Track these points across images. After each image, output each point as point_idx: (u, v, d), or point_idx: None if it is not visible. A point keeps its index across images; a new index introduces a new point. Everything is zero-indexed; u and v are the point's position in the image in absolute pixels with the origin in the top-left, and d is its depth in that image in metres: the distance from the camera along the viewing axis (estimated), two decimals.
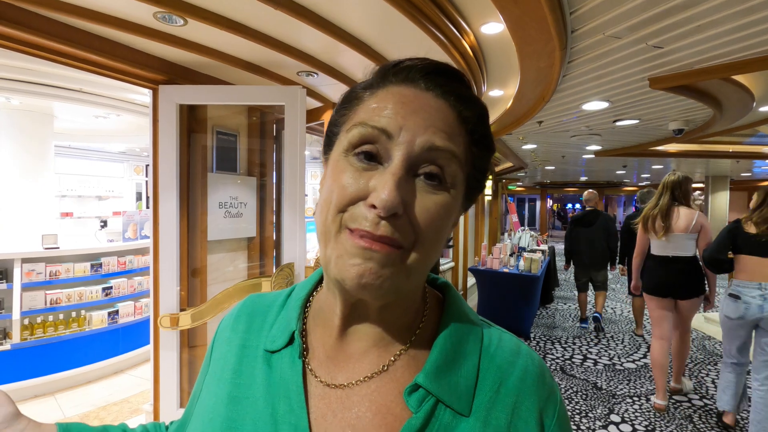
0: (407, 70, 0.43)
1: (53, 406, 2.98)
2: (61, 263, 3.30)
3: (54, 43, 1.73)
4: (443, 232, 0.41)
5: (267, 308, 0.52)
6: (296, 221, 2.33)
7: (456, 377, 0.42)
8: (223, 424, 0.44)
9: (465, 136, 0.42)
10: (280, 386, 0.43)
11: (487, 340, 0.46)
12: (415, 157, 0.38)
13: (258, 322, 0.51)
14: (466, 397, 0.42)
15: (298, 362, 0.45)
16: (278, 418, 0.42)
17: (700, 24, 2.08)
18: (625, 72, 2.78)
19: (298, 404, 0.42)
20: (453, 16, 1.90)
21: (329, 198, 0.40)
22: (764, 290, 2.47)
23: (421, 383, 0.41)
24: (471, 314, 0.49)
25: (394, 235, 0.37)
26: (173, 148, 2.23)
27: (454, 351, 0.44)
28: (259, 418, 0.42)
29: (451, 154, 0.39)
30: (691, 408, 3.13)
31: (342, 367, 0.44)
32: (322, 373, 0.45)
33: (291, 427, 0.41)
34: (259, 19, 1.74)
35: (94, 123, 4.59)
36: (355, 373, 0.44)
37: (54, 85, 3.08)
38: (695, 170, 10.63)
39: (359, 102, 0.43)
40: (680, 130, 4.38)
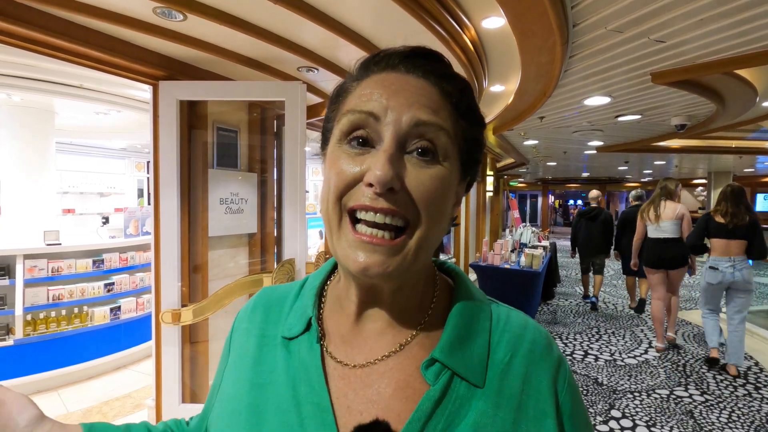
0: (387, 57, 0.44)
1: (56, 401, 3.00)
2: (63, 259, 3.32)
3: (54, 39, 1.73)
4: (444, 205, 0.42)
5: (282, 299, 0.54)
6: (297, 217, 2.33)
7: (469, 351, 0.45)
8: (248, 410, 0.45)
9: (451, 110, 0.43)
10: (300, 370, 0.45)
11: (496, 317, 0.49)
12: (404, 134, 0.40)
13: (275, 312, 0.53)
14: (480, 369, 0.44)
15: (316, 346, 0.46)
16: (300, 400, 0.43)
17: (702, 18, 2.07)
18: (627, 67, 2.77)
19: (318, 384, 0.43)
20: (453, 11, 1.89)
21: (328, 187, 0.42)
22: (733, 262, 3.45)
23: (437, 357, 0.43)
24: (479, 294, 0.51)
25: (394, 207, 0.39)
26: (174, 145, 2.23)
27: (466, 327, 0.46)
28: (282, 401, 0.44)
29: (437, 126, 0.40)
30: (692, 404, 3.13)
31: (359, 348, 0.46)
32: (340, 355, 0.46)
33: (314, 406, 0.42)
34: (259, 14, 1.74)
35: (95, 119, 4.59)
36: (372, 353, 0.45)
37: (55, 82, 3.08)
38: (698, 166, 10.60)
39: (347, 94, 0.45)
40: (683, 126, 4.36)
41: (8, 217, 3.65)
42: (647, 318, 5.31)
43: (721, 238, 3.51)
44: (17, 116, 3.68)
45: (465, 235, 6.63)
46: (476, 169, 0.48)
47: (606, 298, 6.44)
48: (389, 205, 0.39)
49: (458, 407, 0.42)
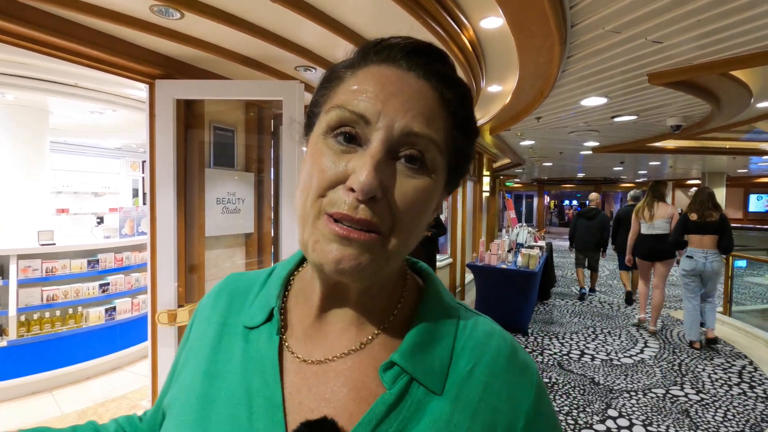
0: (389, 48, 0.42)
1: (50, 402, 2.97)
2: (57, 260, 3.28)
3: (48, 36, 1.71)
4: (423, 216, 0.41)
5: (248, 286, 0.53)
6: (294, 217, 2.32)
7: (431, 357, 0.43)
8: (199, 400, 0.44)
9: (447, 119, 0.41)
10: (256, 361, 0.44)
11: (463, 324, 0.47)
12: (395, 141, 0.38)
13: (239, 300, 0.51)
14: (440, 375, 0.43)
15: (275, 338, 0.45)
16: (252, 392, 0.42)
17: (699, 19, 2.08)
18: (624, 67, 2.78)
19: (272, 378, 0.43)
20: (452, 10, 1.89)
21: (309, 182, 0.40)
22: (706, 254, 4.07)
23: (396, 361, 0.42)
24: (448, 299, 0.50)
25: (373, 219, 0.37)
26: (170, 144, 2.21)
27: (429, 332, 0.45)
28: (234, 393, 0.43)
29: (429, 140, 0.39)
30: (688, 402, 3.15)
31: (319, 344, 0.45)
32: (299, 349, 0.45)
33: (265, 400, 0.41)
34: (257, 12, 1.73)
35: (90, 118, 4.55)
36: (331, 350, 0.45)
37: (49, 80, 3.05)
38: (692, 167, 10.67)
39: (339, 82, 0.43)
40: (678, 126, 4.39)
41: (2, 216, 3.61)
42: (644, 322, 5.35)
43: (695, 234, 4.12)
44: (11, 115, 3.64)
45: (462, 235, 6.64)
46: (460, 181, 0.47)
47: (602, 299, 6.47)
48: (367, 217, 0.37)
49: (413, 412, 0.41)
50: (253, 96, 2.56)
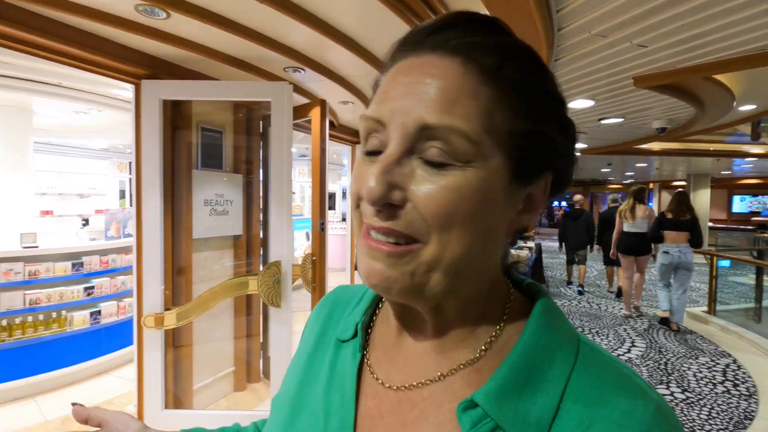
0: (413, 35, 0.37)
1: (34, 409, 2.90)
2: (40, 262, 3.22)
3: (32, 35, 1.68)
4: (467, 218, 0.33)
5: (349, 299, 0.52)
6: (283, 219, 2.31)
7: (527, 403, 0.34)
8: (291, 406, 0.45)
9: (487, 95, 0.33)
10: (339, 377, 0.43)
11: (584, 364, 0.36)
12: (413, 138, 0.33)
13: (338, 312, 0.51)
14: (537, 430, 0.33)
15: (358, 356, 0.44)
16: (330, 410, 0.42)
17: (683, 23, 2.12)
18: (610, 71, 2.82)
19: (349, 400, 0.41)
20: (439, 12, 1.90)
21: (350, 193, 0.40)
22: (679, 248, 4.62)
23: (478, 401, 0.35)
24: (565, 327, 0.39)
25: (395, 226, 0.34)
26: (157, 145, 2.19)
27: (530, 369, 0.35)
28: (317, 405, 0.43)
29: (448, 129, 0.32)
30: (674, 401, 3.19)
31: (399, 367, 0.41)
32: (379, 369, 0.43)
33: (340, 421, 0.40)
34: (245, 13, 1.72)
35: (75, 119, 4.48)
36: (410, 376, 0.40)
37: (32, 80, 2.99)
38: (677, 168, 10.87)
39: (376, 87, 0.39)
40: (663, 129, 4.47)
41: None
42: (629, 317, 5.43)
43: (670, 230, 4.70)
44: None
45: None
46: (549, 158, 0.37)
47: (590, 299, 6.54)
48: (386, 225, 0.34)
49: None
50: (241, 97, 2.55)
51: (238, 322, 2.98)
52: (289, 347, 2.34)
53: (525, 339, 0.37)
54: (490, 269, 0.39)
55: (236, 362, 2.97)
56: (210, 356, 2.78)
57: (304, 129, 3.11)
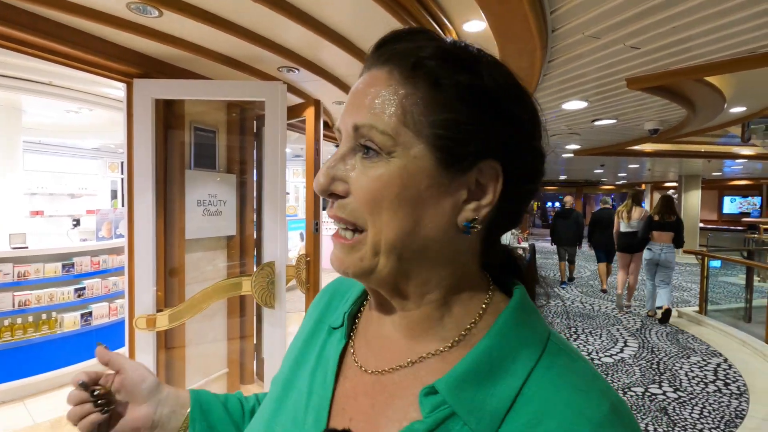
0: (368, 56, 0.42)
1: (22, 412, 2.86)
2: (30, 263, 3.17)
3: (22, 33, 1.65)
4: (393, 203, 0.37)
5: (346, 290, 0.55)
6: (277, 219, 2.29)
7: (486, 394, 0.36)
8: (283, 384, 0.49)
9: (404, 91, 0.37)
10: (325, 360, 0.47)
11: (547, 362, 0.37)
12: (352, 138, 0.39)
13: (336, 300, 0.54)
14: (491, 419, 0.34)
15: (342, 342, 0.47)
16: (313, 388, 0.45)
17: (675, 26, 2.14)
18: (604, 72, 2.84)
19: (329, 381, 0.45)
20: (435, 13, 1.90)
21: None
22: (662, 248, 5.17)
23: (439, 389, 0.36)
24: (538, 325, 0.41)
25: (341, 214, 0.40)
26: (149, 145, 2.16)
27: (493, 362, 0.37)
28: (304, 385, 0.47)
29: (368, 127, 0.38)
30: (666, 400, 3.22)
31: (375, 353, 0.45)
32: (360, 355, 0.46)
33: (319, 399, 0.44)
34: (238, 12, 1.70)
35: (66, 118, 4.42)
36: (383, 361, 0.43)
37: (22, 78, 2.95)
38: (669, 169, 10.97)
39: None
40: (655, 130, 4.51)
41: None
42: (623, 317, 5.46)
43: (657, 231, 5.21)
44: None
45: None
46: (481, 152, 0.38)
47: (583, 299, 6.59)
48: (333, 212, 0.40)
49: None
50: (234, 96, 2.53)
51: (232, 324, 2.96)
52: (283, 348, 2.32)
53: (491, 333, 0.39)
54: (446, 258, 0.40)
55: (230, 364, 2.94)
56: (203, 358, 2.76)
57: (299, 129, 3.10)
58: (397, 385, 0.41)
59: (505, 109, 0.39)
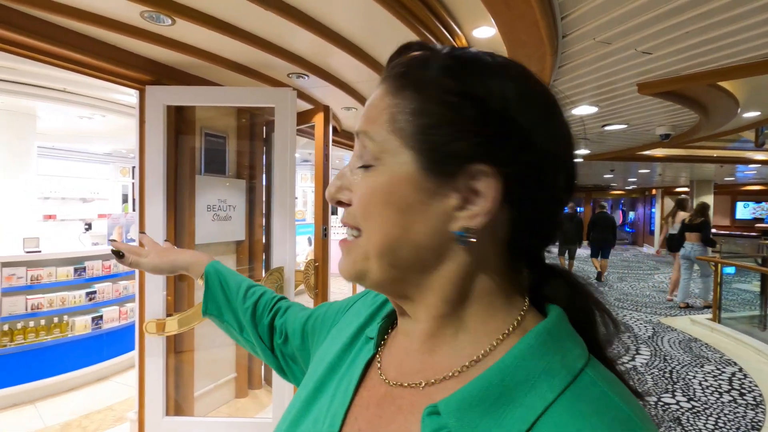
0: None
1: (33, 414, 2.89)
2: (42, 267, 3.21)
3: (37, 41, 1.68)
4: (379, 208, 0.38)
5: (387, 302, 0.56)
6: (286, 225, 2.30)
7: (492, 423, 0.32)
8: (316, 384, 0.50)
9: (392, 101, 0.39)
10: (354, 368, 0.48)
11: (575, 396, 0.32)
12: (359, 146, 0.41)
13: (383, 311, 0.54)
14: None
15: (371, 351, 0.48)
16: (337, 394, 0.46)
17: (688, 31, 2.11)
18: (614, 77, 2.81)
19: (351, 388, 0.45)
20: (445, 20, 1.90)
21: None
22: (692, 245, 6.10)
23: (440, 410, 0.34)
24: (570, 354, 0.35)
25: (347, 220, 0.42)
26: (160, 150, 2.18)
27: (505, 388, 0.33)
28: (331, 389, 0.48)
29: (364, 134, 0.40)
30: (680, 410, 3.16)
31: (395, 364, 0.45)
32: (384, 365, 0.46)
33: (338, 405, 0.45)
34: (249, 19, 1.72)
35: (79, 123, 4.49)
36: (401, 373, 0.43)
37: (37, 85, 3.01)
38: (680, 174, 10.83)
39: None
40: (667, 135, 4.46)
41: None
42: (633, 324, 5.38)
43: (688, 231, 6.16)
44: None
45: None
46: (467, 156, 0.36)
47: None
48: (343, 218, 0.42)
49: None
50: (244, 103, 2.55)
51: None
52: None
53: (508, 356, 0.35)
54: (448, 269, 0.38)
55: (238, 368, 2.95)
56: (211, 362, 2.76)
57: (307, 134, 3.11)
58: (405, 399, 0.40)
59: (494, 110, 0.36)
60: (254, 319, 0.72)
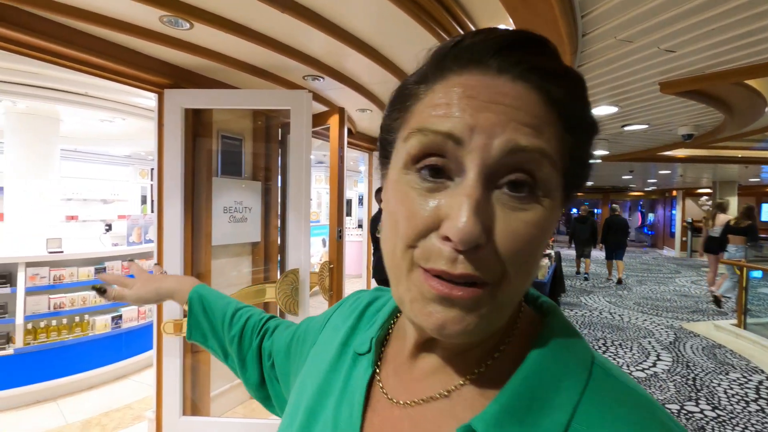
0: (470, 50, 0.33)
1: (55, 411, 2.95)
2: (65, 267, 3.29)
3: (60, 46, 1.72)
4: (538, 253, 0.33)
5: (375, 310, 0.52)
6: (301, 226, 2.30)
7: (532, 429, 0.32)
8: (306, 413, 0.46)
9: (557, 124, 0.32)
10: (351, 391, 0.43)
11: (596, 392, 0.33)
12: (495, 164, 0.30)
13: (364, 321, 0.51)
14: None
15: (369, 370, 0.43)
16: (339, 422, 0.42)
17: (712, 28, 2.05)
18: (636, 76, 2.75)
19: (356, 414, 0.41)
20: (461, 19, 1.88)
21: (395, 228, 0.34)
22: (736, 248, 6.24)
23: (477, 429, 0.32)
24: (580, 349, 0.36)
25: (476, 273, 0.30)
26: (178, 153, 2.21)
27: (534, 395, 0.33)
28: (329, 417, 0.43)
29: (540, 153, 0.31)
30: (704, 419, 3.06)
31: (407, 385, 0.41)
32: (388, 386, 0.42)
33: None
34: (265, 22, 1.73)
35: (100, 126, 4.60)
36: (416, 393, 0.39)
37: (60, 89, 3.08)
38: (702, 175, 10.54)
39: (415, 100, 0.35)
40: (690, 135, 4.33)
41: (11, 223, 3.63)
42: (654, 329, 5.25)
43: (732, 234, 6.35)
44: (23, 123, 3.68)
45: None
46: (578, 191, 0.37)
47: (612, 309, 6.37)
48: (469, 271, 0.30)
49: None
50: (261, 105, 2.56)
51: None
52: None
53: (530, 362, 0.35)
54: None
55: None
56: None
57: (322, 136, 3.12)
58: (430, 421, 0.37)
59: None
60: (241, 347, 0.68)
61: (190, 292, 0.73)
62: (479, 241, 0.29)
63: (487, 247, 0.30)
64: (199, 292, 0.73)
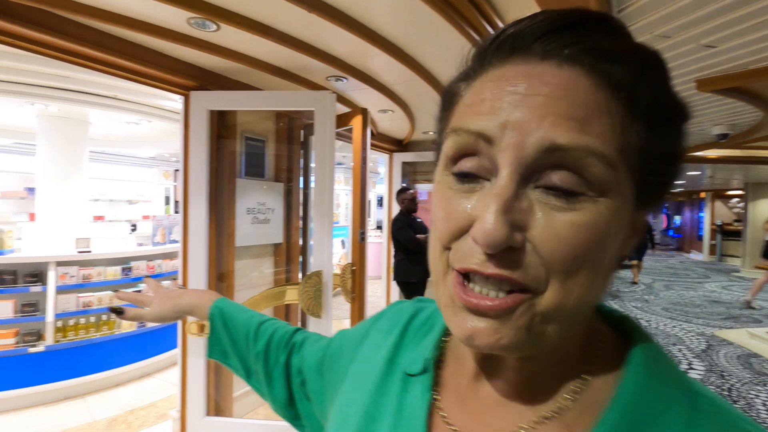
0: (513, 38, 0.30)
1: (83, 408, 3.01)
2: (93, 266, 3.36)
3: (90, 50, 1.74)
4: (597, 258, 0.29)
5: (422, 323, 0.47)
6: (325, 228, 2.29)
7: None
8: None
9: (618, 112, 0.28)
10: (408, 418, 0.39)
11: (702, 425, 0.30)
12: (532, 163, 0.28)
13: (409, 337, 0.46)
14: None
15: (427, 396, 0.39)
16: None
17: (757, 22, 1.94)
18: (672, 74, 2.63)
19: None
20: (491, 17, 1.82)
21: (435, 230, 0.33)
22: None
23: None
24: (677, 376, 0.33)
25: (511, 275, 0.28)
26: (204, 154, 2.22)
27: (642, 421, 0.30)
28: None
29: (585, 152, 0.27)
30: None
31: (474, 415, 0.36)
32: (451, 414, 0.38)
33: None
34: (292, 22, 1.71)
35: (127, 129, 4.70)
36: (487, 426, 0.35)
37: (90, 92, 3.15)
38: (732, 177, 10.15)
39: (457, 99, 0.33)
40: (725, 135, 4.16)
41: (42, 223, 3.73)
42: (684, 336, 5.06)
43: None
44: (54, 126, 3.79)
45: None
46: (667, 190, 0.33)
47: (639, 315, 6.18)
48: (501, 272, 0.28)
49: None
50: (285, 107, 2.56)
51: None
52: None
53: (627, 392, 0.31)
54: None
55: None
56: None
57: (343, 137, 3.10)
58: None
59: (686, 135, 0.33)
60: (267, 363, 0.63)
61: (210, 306, 0.69)
62: (508, 242, 0.27)
63: (524, 249, 0.28)
64: (219, 307, 0.69)
